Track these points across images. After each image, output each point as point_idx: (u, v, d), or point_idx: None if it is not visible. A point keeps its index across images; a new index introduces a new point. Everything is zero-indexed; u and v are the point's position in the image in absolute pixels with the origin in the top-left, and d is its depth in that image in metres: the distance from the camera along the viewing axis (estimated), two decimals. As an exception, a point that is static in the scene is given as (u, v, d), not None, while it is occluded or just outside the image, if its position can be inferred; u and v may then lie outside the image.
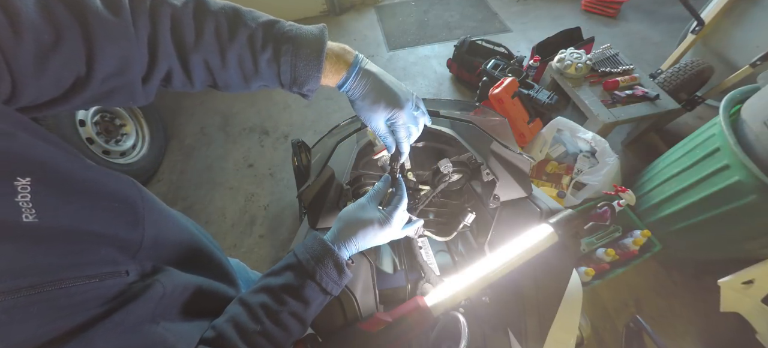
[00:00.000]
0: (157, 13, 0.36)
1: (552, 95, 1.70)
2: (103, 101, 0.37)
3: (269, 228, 1.73)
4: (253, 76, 0.42)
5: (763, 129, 1.00)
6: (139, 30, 0.35)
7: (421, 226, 0.58)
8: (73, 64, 0.32)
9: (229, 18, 0.39)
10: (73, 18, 0.31)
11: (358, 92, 0.47)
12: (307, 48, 0.42)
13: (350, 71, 0.46)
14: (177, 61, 0.39)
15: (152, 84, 0.39)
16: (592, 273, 1.25)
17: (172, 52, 0.38)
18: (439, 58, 2.59)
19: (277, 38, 0.41)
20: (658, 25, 2.69)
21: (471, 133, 0.68)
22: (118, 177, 0.36)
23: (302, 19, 3.15)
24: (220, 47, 0.39)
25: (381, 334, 0.44)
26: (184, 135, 2.21)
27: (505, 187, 0.62)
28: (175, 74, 0.40)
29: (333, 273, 0.44)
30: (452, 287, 0.48)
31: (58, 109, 0.34)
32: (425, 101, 0.86)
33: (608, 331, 1.29)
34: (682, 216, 1.25)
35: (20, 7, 0.27)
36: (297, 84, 0.44)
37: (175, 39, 0.37)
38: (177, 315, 0.39)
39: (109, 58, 0.33)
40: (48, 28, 0.29)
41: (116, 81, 0.35)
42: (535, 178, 1.61)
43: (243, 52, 0.40)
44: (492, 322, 0.57)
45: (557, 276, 0.53)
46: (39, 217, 0.26)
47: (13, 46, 0.27)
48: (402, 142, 0.51)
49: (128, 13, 0.34)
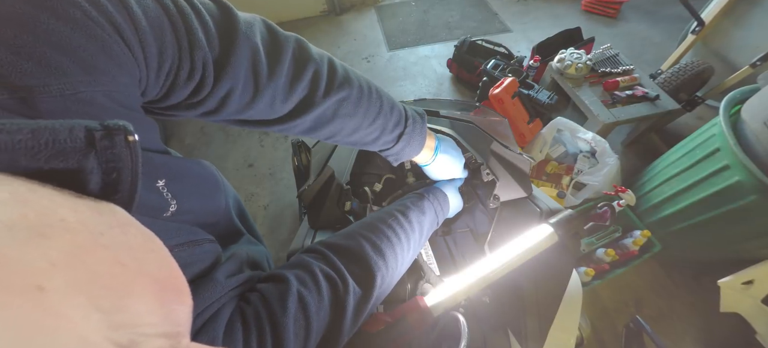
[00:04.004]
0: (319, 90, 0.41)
1: (552, 95, 1.70)
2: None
3: (269, 228, 1.73)
4: (362, 145, 0.50)
5: (763, 129, 1.00)
6: (291, 96, 0.40)
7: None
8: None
9: (381, 102, 0.47)
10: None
11: (436, 172, 0.60)
12: (420, 135, 0.52)
13: (434, 156, 0.57)
14: (311, 126, 0.44)
15: (274, 129, 0.45)
16: (592, 273, 1.25)
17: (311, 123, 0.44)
18: (439, 58, 2.59)
19: (401, 125, 0.50)
20: (658, 26, 2.68)
21: (471, 133, 0.68)
22: (198, 161, 0.43)
23: (302, 19, 3.15)
24: (356, 129, 0.46)
25: (381, 334, 0.44)
26: (183, 134, 2.21)
27: (505, 187, 0.62)
28: (297, 129, 0.45)
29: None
30: (452, 287, 0.48)
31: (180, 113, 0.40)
32: (425, 101, 0.87)
33: (608, 331, 1.29)
34: (682, 216, 1.25)
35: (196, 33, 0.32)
36: (396, 157, 0.53)
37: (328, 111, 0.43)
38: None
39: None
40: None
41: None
42: (535, 178, 1.61)
43: (373, 134, 0.48)
44: (492, 322, 0.57)
45: (557, 276, 0.53)
46: (178, 206, 0.34)
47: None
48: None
49: (285, 69, 0.39)
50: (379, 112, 0.46)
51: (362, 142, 0.49)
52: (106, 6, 0.25)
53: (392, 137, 0.49)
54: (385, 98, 0.47)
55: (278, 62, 0.38)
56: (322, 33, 3.00)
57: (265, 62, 0.37)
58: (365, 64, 2.64)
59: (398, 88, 2.43)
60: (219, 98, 0.36)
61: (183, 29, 0.31)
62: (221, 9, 0.36)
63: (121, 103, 0.28)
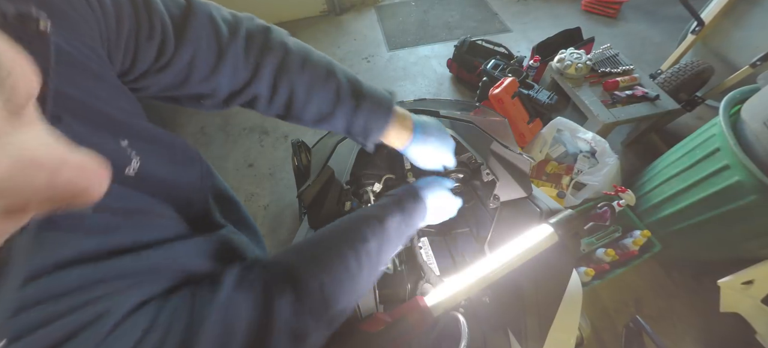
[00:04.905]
0: (269, 50, 0.43)
1: (552, 95, 1.70)
2: (181, 89, 0.42)
3: (269, 228, 1.73)
4: (327, 117, 0.49)
5: (763, 129, 1.00)
6: (248, 57, 0.42)
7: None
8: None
9: (327, 65, 0.47)
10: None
11: (419, 158, 0.56)
12: (381, 106, 0.49)
13: (411, 138, 0.53)
14: (269, 90, 0.45)
15: (237, 100, 0.46)
16: (591, 273, 1.25)
17: (269, 80, 0.44)
18: (439, 58, 2.59)
19: (359, 95, 0.48)
20: (658, 26, 2.69)
21: (471, 133, 0.68)
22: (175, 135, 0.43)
23: (302, 19, 3.15)
24: (310, 87, 0.46)
25: (381, 334, 0.44)
26: (184, 135, 2.21)
27: (505, 187, 0.62)
28: (259, 100, 0.46)
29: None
30: (452, 287, 0.48)
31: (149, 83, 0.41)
32: (425, 101, 0.87)
33: (608, 331, 1.29)
34: (682, 216, 1.25)
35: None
36: (363, 134, 0.51)
37: (277, 71, 0.44)
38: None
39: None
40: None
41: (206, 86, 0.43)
42: (535, 178, 1.61)
43: (328, 96, 0.47)
44: (492, 322, 0.57)
45: (557, 276, 0.53)
46: (140, 168, 0.32)
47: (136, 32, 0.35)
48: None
49: (242, 40, 0.41)
50: (330, 73, 0.47)
51: (321, 112, 0.48)
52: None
53: (349, 107, 0.48)
54: (338, 68, 0.48)
55: (236, 26, 0.41)
56: (322, 33, 3.00)
57: (224, 27, 0.40)
58: (365, 64, 2.64)
59: (398, 88, 2.43)
60: (185, 63, 0.38)
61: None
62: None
63: (86, 45, 0.29)
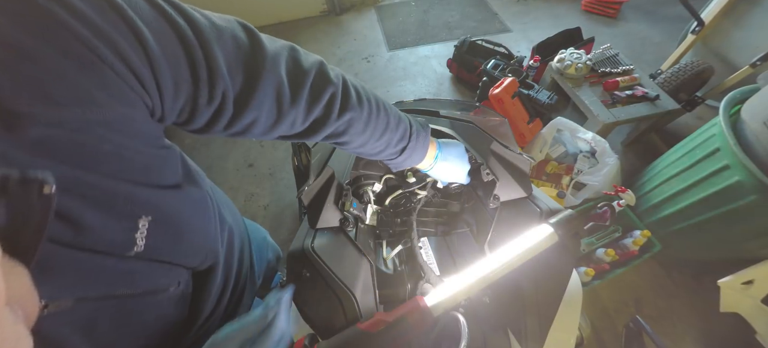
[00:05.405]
0: (329, 117, 0.43)
1: (552, 95, 1.70)
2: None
3: (269, 228, 1.71)
4: (375, 154, 0.53)
5: (763, 129, 1.00)
6: (307, 118, 0.42)
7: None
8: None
9: (386, 118, 0.49)
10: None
11: (436, 175, 0.62)
12: (422, 148, 0.55)
13: (433, 163, 0.59)
14: (320, 139, 0.46)
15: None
16: (592, 273, 1.25)
17: (323, 137, 0.46)
18: (439, 58, 2.59)
19: (408, 140, 0.52)
20: (658, 25, 2.68)
21: (471, 133, 0.68)
22: (213, 216, 0.45)
23: (302, 18, 3.15)
24: (363, 143, 0.49)
25: (381, 334, 0.44)
26: (183, 134, 2.21)
27: (505, 187, 0.62)
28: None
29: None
30: (452, 287, 0.48)
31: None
32: (425, 101, 0.87)
33: (608, 331, 1.29)
34: (682, 216, 1.25)
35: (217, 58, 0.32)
36: (399, 166, 0.56)
37: (333, 132, 0.45)
38: None
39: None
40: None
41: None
42: (535, 178, 1.61)
43: (379, 146, 0.50)
44: (492, 322, 0.57)
45: (557, 276, 0.53)
46: (145, 249, 0.32)
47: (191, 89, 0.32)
48: None
49: (304, 103, 0.40)
50: (386, 128, 0.49)
51: (367, 153, 0.52)
52: (112, 36, 0.24)
53: (396, 150, 0.52)
54: (393, 116, 0.49)
55: (300, 90, 0.39)
56: (322, 33, 3.00)
57: (288, 93, 0.38)
58: (365, 64, 2.64)
59: (398, 88, 2.43)
60: (244, 125, 0.38)
61: (202, 58, 0.30)
62: (250, 38, 0.35)
63: (120, 132, 0.27)
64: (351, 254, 0.58)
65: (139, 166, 0.31)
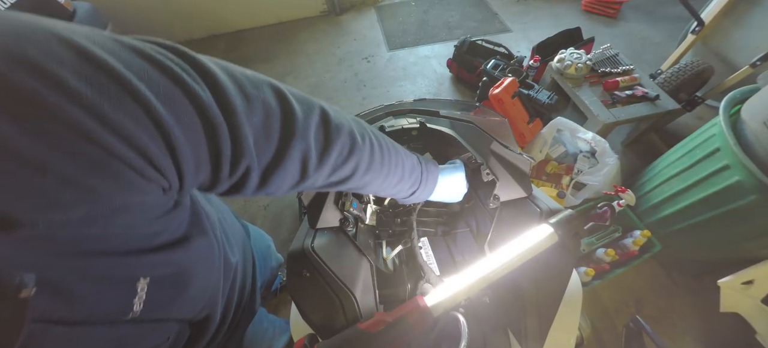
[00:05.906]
0: (349, 179, 0.42)
1: (552, 95, 1.70)
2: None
3: (269, 228, 1.72)
4: (386, 196, 0.54)
5: (763, 129, 1.00)
6: (328, 180, 0.40)
7: None
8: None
9: (401, 172, 0.49)
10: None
11: (439, 196, 0.61)
12: (430, 187, 0.56)
13: (438, 187, 0.59)
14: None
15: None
16: (592, 273, 1.25)
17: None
18: (439, 58, 2.59)
19: (421, 182, 0.53)
20: (658, 25, 2.68)
21: (471, 133, 0.68)
22: (217, 263, 0.45)
23: (302, 18, 3.15)
24: (378, 190, 0.49)
25: (381, 334, 0.44)
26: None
27: (505, 187, 0.62)
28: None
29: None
30: (452, 287, 0.48)
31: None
32: (425, 101, 0.87)
33: (608, 331, 1.29)
34: (682, 216, 1.25)
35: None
36: (406, 202, 0.57)
37: (349, 187, 0.44)
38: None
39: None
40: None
41: None
42: (535, 178, 1.61)
43: (391, 192, 0.51)
44: (492, 322, 0.57)
45: (557, 276, 0.53)
46: (142, 311, 0.31)
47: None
48: None
49: (328, 169, 0.38)
50: (400, 180, 0.49)
51: (380, 195, 0.54)
52: (127, 128, 0.21)
53: (407, 194, 0.54)
54: (408, 167, 0.50)
55: (327, 156, 0.36)
56: (322, 33, 3.00)
57: (315, 158, 0.35)
58: (365, 64, 2.64)
59: (398, 88, 2.42)
60: (267, 192, 0.36)
61: (227, 134, 0.27)
62: (281, 104, 0.31)
63: (128, 213, 0.25)
64: (351, 254, 0.58)
65: (144, 235, 0.29)
